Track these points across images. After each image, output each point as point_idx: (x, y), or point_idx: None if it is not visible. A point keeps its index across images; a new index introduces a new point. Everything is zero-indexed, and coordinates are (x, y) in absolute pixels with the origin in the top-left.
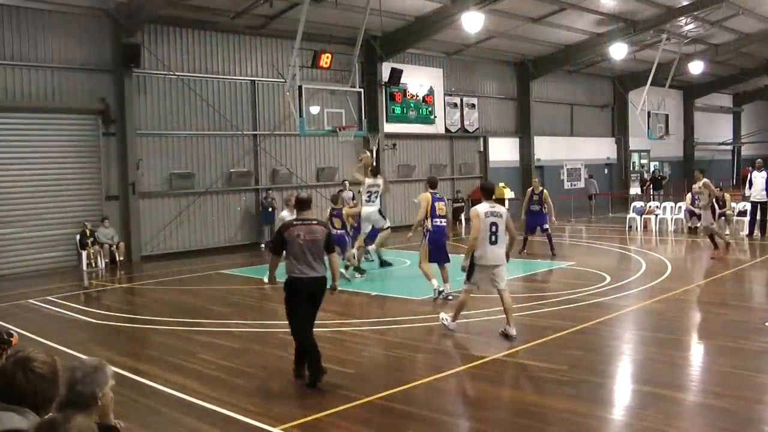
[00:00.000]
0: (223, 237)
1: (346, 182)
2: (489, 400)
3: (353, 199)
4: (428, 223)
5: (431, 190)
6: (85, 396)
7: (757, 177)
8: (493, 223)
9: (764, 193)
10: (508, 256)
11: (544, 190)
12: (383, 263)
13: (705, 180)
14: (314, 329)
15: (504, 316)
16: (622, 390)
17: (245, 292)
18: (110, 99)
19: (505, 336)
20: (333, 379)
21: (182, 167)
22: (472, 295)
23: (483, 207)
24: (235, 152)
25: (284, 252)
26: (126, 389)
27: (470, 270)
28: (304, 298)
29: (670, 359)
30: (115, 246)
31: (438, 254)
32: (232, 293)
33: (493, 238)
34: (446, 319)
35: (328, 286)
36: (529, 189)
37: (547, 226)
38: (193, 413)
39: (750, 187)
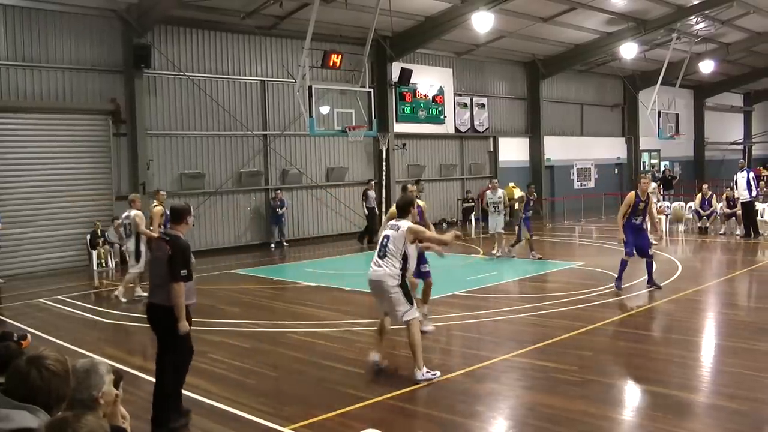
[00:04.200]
0: (232, 237)
1: (372, 182)
2: (499, 401)
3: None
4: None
5: None
6: (84, 402)
7: (740, 178)
8: (386, 236)
9: (746, 192)
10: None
11: (652, 196)
12: None
13: None
14: (323, 329)
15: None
16: (633, 391)
17: (255, 292)
18: (121, 99)
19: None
20: (343, 379)
21: (192, 167)
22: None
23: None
24: (245, 152)
25: None
26: (137, 389)
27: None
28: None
29: (681, 360)
30: (125, 246)
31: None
32: (242, 293)
33: (382, 251)
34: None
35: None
36: (631, 194)
37: (652, 252)
38: (203, 413)
39: (737, 188)
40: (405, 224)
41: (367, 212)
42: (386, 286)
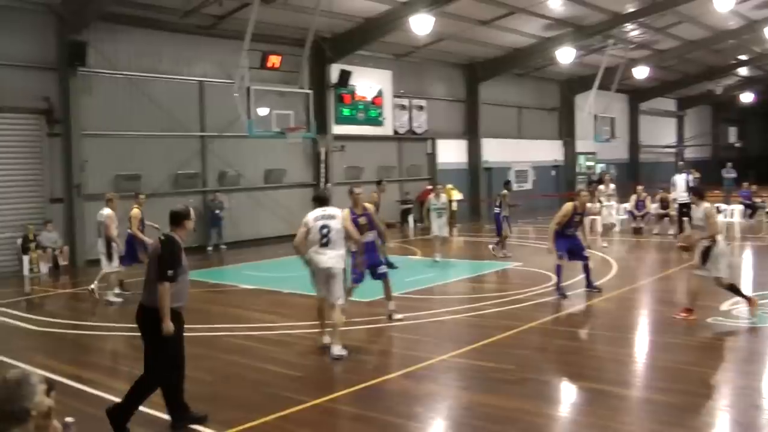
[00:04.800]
0: None
1: (329, 184)
2: (438, 401)
3: None
4: None
5: None
6: (15, 414)
7: (679, 179)
8: (325, 226)
9: (685, 194)
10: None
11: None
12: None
13: (706, 205)
14: (261, 333)
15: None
16: (569, 388)
17: (192, 296)
18: (55, 98)
19: (336, 358)
20: (281, 382)
21: (128, 169)
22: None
23: (312, 214)
24: (183, 154)
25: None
26: (69, 398)
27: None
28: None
29: (615, 356)
30: (58, 250)
31: None
32: None
33: (325, 240)
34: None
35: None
36: (568, 205)
37: (587, 253)
38: (138, 421)
39: (675, 189)
40: (338, 212)
41: None
42: (334, 270)
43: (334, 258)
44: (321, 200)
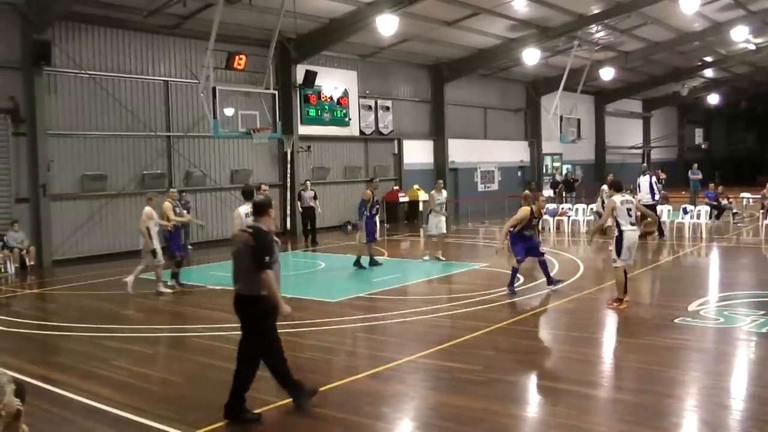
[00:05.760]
0: (136, 240)
1: (308, 182)
2: (404, 402)
3: (315, 197)
4: None
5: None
6: None
7: (643, 181)
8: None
9: (649, 196)
10: None
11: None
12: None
13: (614, 197)
14: (228, 333)
15: None
16: (535, 388)
17: (159, 297)
18: (20, 98)
19: None
20: None
21: (94, 169)
22: None
23: (244, 208)
24: (149, 154)
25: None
26: (37, 399)
27: None
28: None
29: (583, 357)
30: (25, 250)
31: None
32: (145, 297)
33: None
34: None
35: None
36: (526, 210)
37: (543, 250)
38: (106, 422)
39: (639, 192)
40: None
41: (301, 211)
42: None
43: None
44: (246, 194)
